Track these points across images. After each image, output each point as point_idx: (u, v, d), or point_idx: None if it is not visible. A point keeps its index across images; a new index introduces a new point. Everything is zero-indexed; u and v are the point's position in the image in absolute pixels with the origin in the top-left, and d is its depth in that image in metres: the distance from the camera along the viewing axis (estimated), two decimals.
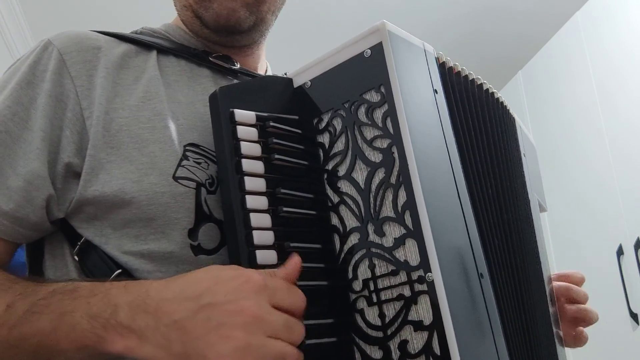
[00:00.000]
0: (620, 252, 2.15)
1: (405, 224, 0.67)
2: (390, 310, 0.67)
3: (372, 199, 0.70)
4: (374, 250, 0.69)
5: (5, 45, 2.65)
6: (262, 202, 0.70)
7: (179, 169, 0.76)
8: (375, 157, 0.70)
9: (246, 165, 0.70)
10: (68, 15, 2.76)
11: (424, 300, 0.65)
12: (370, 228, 0.69)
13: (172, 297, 0.64)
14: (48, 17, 2.74)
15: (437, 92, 0.76)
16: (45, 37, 0.83)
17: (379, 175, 0.69)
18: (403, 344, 0.66)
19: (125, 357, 0.65)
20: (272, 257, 0.68)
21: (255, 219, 0.68)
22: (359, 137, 0.71)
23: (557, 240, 2.53)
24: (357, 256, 0.70)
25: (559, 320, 0.97)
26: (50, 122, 0.77)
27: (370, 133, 0.71)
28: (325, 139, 0.74)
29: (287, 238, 0.69)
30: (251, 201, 0.69)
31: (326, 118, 0.74)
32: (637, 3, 2.16)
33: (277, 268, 0.67)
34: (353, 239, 0.71)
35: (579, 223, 2.42)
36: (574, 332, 0.99)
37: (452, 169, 0.73)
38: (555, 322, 0.95)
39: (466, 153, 0.79)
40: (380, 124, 0.70)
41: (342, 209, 0.72)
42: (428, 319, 0.65)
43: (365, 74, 0.71)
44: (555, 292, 0.98)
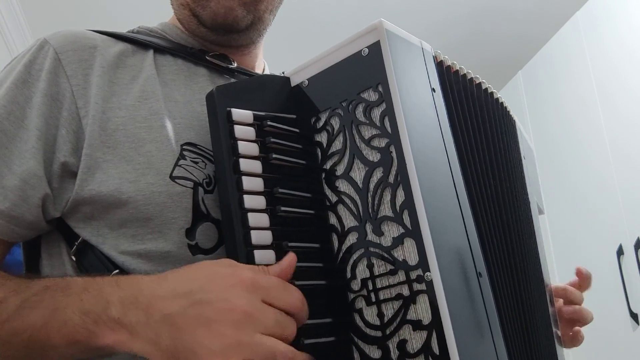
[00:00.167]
0: (620, 252, 2.15)
1: (403, 223, 0.67)
2: (389, 309, 0.67)
3: (370, 199, 0.69)
4: (373, 249, 0.69)
5: (5, 45, 2.65)
6: (260, 201, 0.69)
7: (176, 168, 0.76)
8: (373, 156, 0.70)
9: (244, 164, 0.70)
10: (68, 15, 2.76)
11: (423, 299, 0.65)
12: (369, 227, 0.69)
13: (164, 294, 0.64)
14: (48, 17, 2.75)
15: (434, 90, 0.76)
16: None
17: (377, 175, 0.69)
18: (402, 344, 0.66)
19: (116, 353, 0.66)
20: (270, 256, 0.68)
21: (253, 219, 0.68)
22: (356, 136, 0.71)
23: (557, 240, 2.53)
24: (355, 255, 0.70)
25: (558, 321, 0.97)
26: (46, 121, 0.76)
27: (368, 132, 0.71)
28: (323, 138, 0.74)
29: (285, 237, 0.69)
30: (249, 201, 0.69)
31: (324, 117, 0.74)
32: (637, 3, 2.16)
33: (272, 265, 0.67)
34: (351, 239, 0.70)
35: (579, 223, 2.41)
36: (571, 332, 0.99)
37: (450, 168, 0.73)
38: (555, 323, 0.95)
39: (464, 152, 0.78)
40: (378, 123, 0.70)
41: (340, 208, 0.71)
42: (427, 319, 0.64)
43: (363, 73, 0.71)
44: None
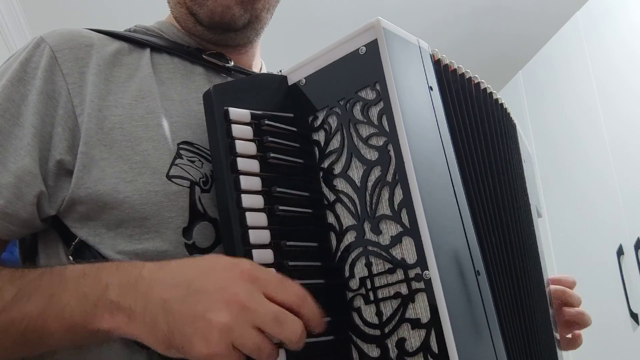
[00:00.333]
0: (620, 252, 2.14)
1: (401, 222, 0.67)
2: (388, 308, 0.67)
3: (368, 197, 0.69)
4: (371, 248, 0.69)
5: (5, 45, 2.65)
6: (257, 200, 0.69)
7: (173, 167, 0.76)
8: (371, 155, 0.70)
9: (241, 164, 0.69)
10: (67, 15, 2.77)
11: (421, 298, 0.65)
12: (367, 226, 0.69)
13: (163, 280, 0.65)
14: (48, 17, 2.75)
15: (432, 89, 0.75)
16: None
17: (375, 173, 0.69)
18: (401, 342, 0.66)
19: (112, 340, 0.66)
20: (268, 256, 0.68)
21: (251, 218, 0.68)
22: (354, 135, 0.71)
23: (557, 240, 2.53)
24: (353, 254, 0.70)
25: (557, 323, 0.97)
26: (42, 118, 0.76)
27: (365, 131, 0.70)
28: (320, 136, 0.74)
29: (283, 237, 0.69)
30: (247, 200, 0.69)
31: (321, 116, 0.74)
32: (637, 3, 2.15)
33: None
34: (349, 237, 0.70)
35: (579, 223, 2.41)
36: (570, 335, 0.98)
37: (448, 167, 0.73)
38: (554, 325, 0.94)
39: (462, 151, 0.78)
40: (375, 122, 0.70)
41: (338, 207, 0.71)
42: (425, 317, 0.64)
43: (360, 72, 0.71)
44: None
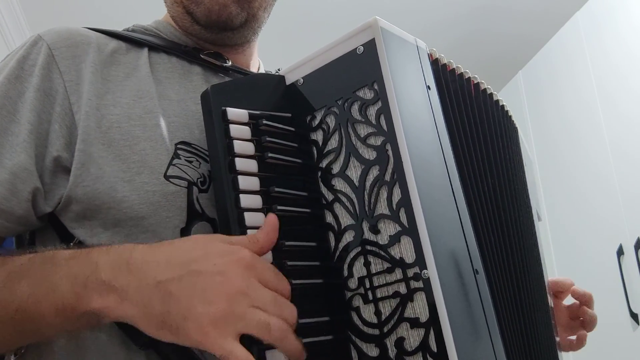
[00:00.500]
0: (620, 252, 2.14)
1: (400, 221, 0.67)
2: (386, 307, 0.67)
3: (366, 197, 0.69)
4: (369, 247, 0.69)
5: (5, 45, 2.65)
6: (256, 200, 0.69)
7: (170, 167, 0.76)
8: (370, 154, 0.70)
9: (239, 164, 0.69)
10: (67, 15, 2.77)
11: (420, 297, 0.65)
12: (365, 226, 0.69)
13: (157, 261, 0.64)
14: (48, 17, 2.75)
15: (429, 88, 0.75)
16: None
17: (374, 173, 0.69)
18: (400, 341, 0.66)
19: (103, 318, 0.65)
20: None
21: (250, 218, 0.68)
22: (352, 135, 0.71)
23: (557, 240, 2.53)
24: (352, 254, 0.70)
25: (556, 325, 0.97)
26: (39, 115, 0.76)
27: (364, 130, 0.70)
28: (318, 136, 0.74)
29: (282, 237, 0.69)
30: (245, 200, 0.69)
31: (319, 115, 0.74)
32: (637, 3, 2.15)
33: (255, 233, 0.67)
34: (348, 237, 0.70)
35: (579, 223, 2.41)
36: (576, 336, 0.98)
37: (446, 166, 0.73)
38: (554, 325, 0.94)
39: (461, 150, 0.78)
40: (374, 121, 0.70)
41: (337, 206, 0.71)
42: (424, 316, 0.64)
43: (358, 71, 0.71)
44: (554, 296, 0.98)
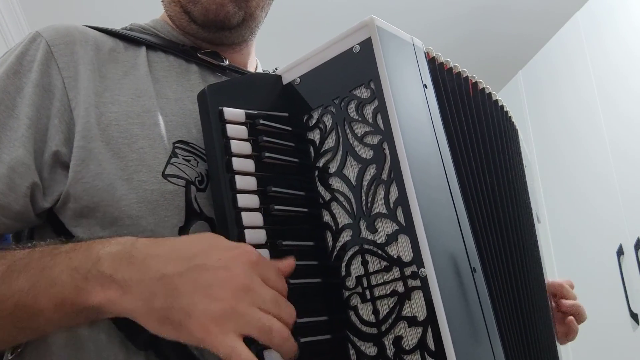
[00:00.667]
0: (620, 252, 2.14)
1: (397, 220, 0.67)
2: (384, 306, 0.67)
3: (363, 196, 0.69)
4: (367, 246, 0.69)
5: (5, 45, 2.65)
6: (253, 200, 0.69)
7: (168, 166, 0.76)
8: (366, 153, 0.70)
9: (236, 163, 0.70)
10: (67, 15, 2.77)
11: (418, 295, 0.65)
12: (363, 225, 0.69)
13: (160, 255, 0.64)
14: (48, 17, 2.75)
15: (426, 87, 0.75)
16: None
17: (370, 172, 0.69)
18: (397, 340, 0.66)
19: (103, 313, 0.65)
20: (264, 255, 0.68)
21: (247, 218, 0.68)
22: (349, 134, 0.71)
23: (557, 240, 2.52)
24: (349, 253, 0.70)
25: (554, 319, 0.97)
26: (37, 110, 0.76)
27: (360, 129, 0.71)
28: (315, 135, 0.74)
29: (280, 236, 0.69)
30: (242, 200, 0.69)
31: (316, 115, 0.74)
32: (637, 3, 2.15)
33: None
34: (345, 236, 0.70)
35: (579, 223, 2.41)
36: (565, 324, 0.98)
37: (443, 164, 0.73)
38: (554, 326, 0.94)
39: (458, 148, 0.78)
40: (370, 120, 0.70)
41: (334, 206, 0.71)
42: (422, 315, 0.64)
43: (354, 70, 0.71)
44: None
